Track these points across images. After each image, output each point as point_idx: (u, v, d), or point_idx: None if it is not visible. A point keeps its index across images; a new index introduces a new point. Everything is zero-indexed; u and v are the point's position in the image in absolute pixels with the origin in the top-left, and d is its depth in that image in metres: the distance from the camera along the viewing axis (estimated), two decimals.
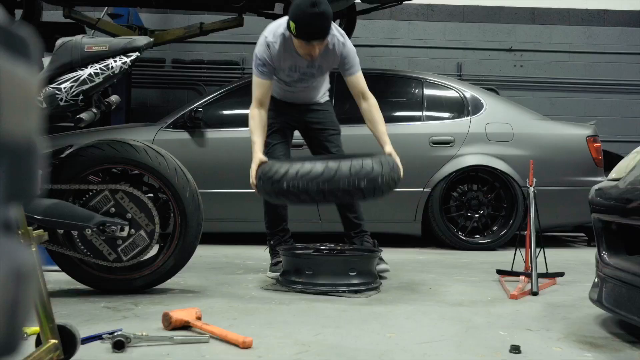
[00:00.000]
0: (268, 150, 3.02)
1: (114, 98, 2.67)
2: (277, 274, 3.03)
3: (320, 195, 2.46)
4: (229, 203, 4.35)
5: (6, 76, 0.45)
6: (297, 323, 2.13)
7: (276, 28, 2.89)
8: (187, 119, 4.34)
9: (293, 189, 2.45)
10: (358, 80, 2.96)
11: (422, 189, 4.41)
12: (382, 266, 3.11)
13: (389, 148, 2.81)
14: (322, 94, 3.21)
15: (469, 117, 4.59)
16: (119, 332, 1.81)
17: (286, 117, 3.16)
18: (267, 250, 3.23)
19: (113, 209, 2.48)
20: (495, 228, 4.51)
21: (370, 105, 2.94)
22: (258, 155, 2.72)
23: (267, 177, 2.52)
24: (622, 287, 1.97)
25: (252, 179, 2.66)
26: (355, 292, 2.68)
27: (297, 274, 2.77)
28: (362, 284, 2.73)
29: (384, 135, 2.88)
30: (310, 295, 2.63)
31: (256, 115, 2.89)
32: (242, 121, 4.65)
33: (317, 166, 2.45)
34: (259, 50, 2.90)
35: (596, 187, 2.25)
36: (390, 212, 4.39)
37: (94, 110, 2.47)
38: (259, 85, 2.92)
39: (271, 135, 3.09)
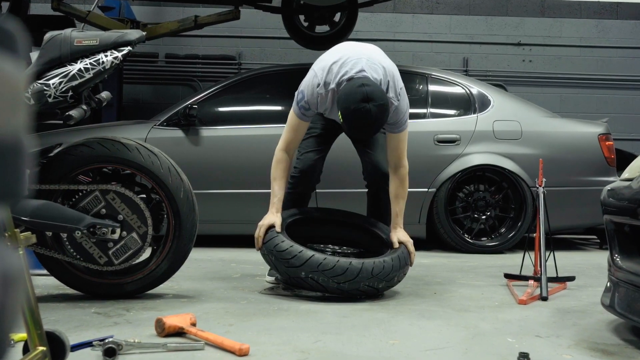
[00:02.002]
0: (299, 158, 2.96)
1: (104, 94, 2.67)
2: (273, 278, 3.05)
3: (337, 292, 2.58)
4: (225, 204, 4.35)
5: None
6: (296, 329, 2.13)
7: (329, 77, 2.69)
8: (181, 116, 4.34)
9: (311, 281, 2.57)
10: (398, 140, 2.84)
11: (426, 190, 4.41)
12: None
13: (398, 235, 2.83)
14: None
15: (475, 115, 4.59)
16: (110, 339, 1.81)
17: (329, 124, 3.00)
18: None
19: (104, 210, 2.48)
20: (503, 230, 4.51)
21: (401, 177, 2.87)
22: (272, 217, 2.73)
23: (282, 257, 2.60)
24: (636, 291, 1.97)
25: (258, 234, 2.72)
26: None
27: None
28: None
29: (398, 217, 2.88)
30: (309, 300, 2.63)
31: (282, 161, 2.82)
32: (239, 118, 4.67)
33: (341, 263, 2.54)
34: (307, 90, 2.75)
35: (608, 187, 2.25)
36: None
37: (84, 107, 2.47)
38: (295, 128, 2.81)
39: (307, 141, 2.98)
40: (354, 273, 2.54)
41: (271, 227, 2.72)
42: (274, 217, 2.76)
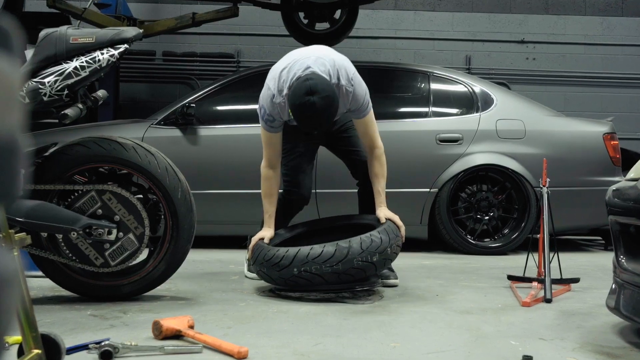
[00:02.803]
0: (290, 179, 3.08)
1: (101, 93, 2.67)
2: (254, 273, 3.10)
3: (335, 276, 2.59)
4: (223, 204, 4.35)
5: None
6: (296, 332, 2.13)
7: (280, 85, 2.78)
8: (179, 115, 4.34)
9: (305, 274, 2.58)
10: (366, 124, 2.92)
11: (428, 190, 4.41)
12: (391, 280, 3.08)
13: (383, 212, 2.89)
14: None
15: (478, 113, 4.59)
16: (107, 342, 1.81)
17: (306, 137, 3.08)
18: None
19: (100, 211, 2.48)
20: (506, 231, 4.51)
21: (376, 156, 2.94)
22: (262, 232, 2.89)
23: (272, 263, 2.64)
24: None
25: (250, 249, 2.85)
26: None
27: None
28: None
29: (380, 195, 2.94)
30: (309, 303, 2.63)
31: (269, 178, 2.97)
32: (237, 117, 4.67)
33: (328, 248, 2.58)
34: (266, 103, 2.85)
35: (614, 187, 2.25)
36: (395, 214, 4.38)
37: (80, 105, 2.47)
38: (269, 142, 2.94)
39: (295, 162, 3.08)
40: (344, 252, 2.56)
41: (261, 239, 2.86)
42: (264, 231, 2.91)
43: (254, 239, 2.87)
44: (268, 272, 2.67)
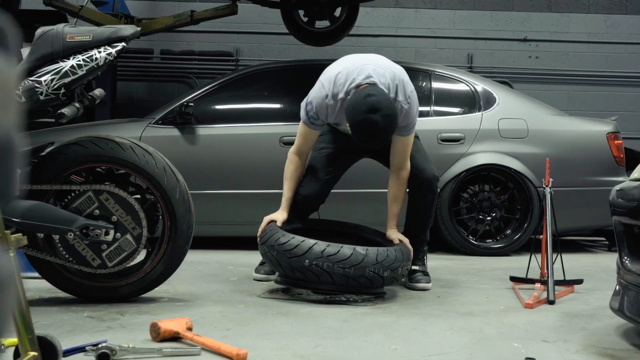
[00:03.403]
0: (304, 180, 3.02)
1: (98, 92, 2.67)
2: (262, 275, 3.13)
3: (344, 279, 2.59)
4: (222, 205, 4.34)
5: None
6: (295, 334, 2.13)
7: (336, 88, 2.75)
8: (177, 114, 4.34)
9: (315, 268, 2.58)
10: (404, 144, 2.89)
11: None
12: (421, 284, 3.04)
13: (395, 234, 2.91)
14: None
15: (480, 113, 4.59)
16: (104, 344, 1.81)
17: (347, 145, 3.03)
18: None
19: (97, 211, 2.48)
20: (508, 232, 4.51)
21: (400, 181, 2.93)
22: (277, 214, 2.87)
23: (285, 249, 2.64)
24: None
25: (261, 227, 2.83)
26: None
27: None
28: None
29: (394, 218, 2.96)
30: (309, 304, 2.63)
31: (293, 162, 2.95)
32: (236, 116, 4.67)
33: (345, 249, 2.59)
34: (317, 100, 2.82)
35: (617, 187, 2.25)
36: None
37: (77, 104, 2.47)
38: (305, 137, 2.92)
39: (317, 160, 3.04)
40: (359, 258, 2.57)
41: (273, 222, 2.84)
42: (278, 214, 2.89)
43: (266, 219, 2.86)
44: (277, 256, 2.66)
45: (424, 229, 3.15)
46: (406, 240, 2.90)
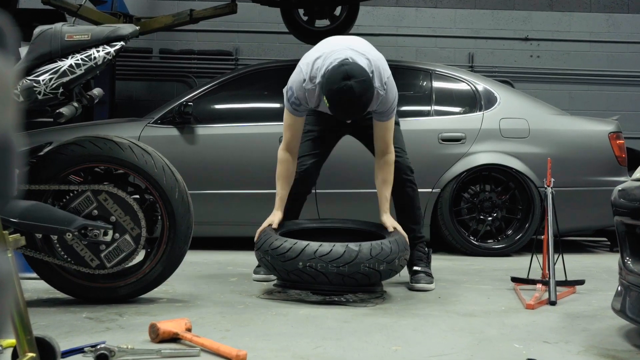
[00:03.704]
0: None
1: (96, 91, 2.67)
2: (261, 275, 3.14)
3: (339, 277, 2.59)
4: (221, 205, 4.34)
5: None
6: (295, 334, 2.13)
7: (314, 72, 2.79)
8: (176, 114, 4.34)
9: (309, 270, 2.58)
10: (385, 129, 2.92)
11: (430, 190, 4.41)
12: (420, 284, 3.05)
13: (390, 220, 2.91)
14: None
15: (481, 112, 4.59)
16: (102, 345, 1.81)
17: (328, 124, 3.09)
18: None
19: (96, 212, 2.48)
20: (509, 232, 4.51)
21: (387, 162, 2.95)
22: (271, 216, 2.88)
23: (278, 253, 2.64)
24: None
25: (257, 232, 2.84)
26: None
27: None
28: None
29: (385, 202, 2.95)
30: (309, 305, 2.63)
31: (285, 161, 2.95)
32: (236, 116, 4.67)
33: (337, 248, 2.59)
34: (295, 85, 2.86)
35: (619, 187, 2.25)
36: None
37: (75, 104, 2.47)
38: (291, 126, 2.93)
39: (304, 145, 3.06)
40: (352, 255, 2.58)
41: (269, 226, 2.86)
42: (273, 215, 2.90)
43: (263, 224, 2.87)
44: (272, 261, 2.67)
45: (411, 220, 3.14)
46: (399, 227, 2.90)
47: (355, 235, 3.02)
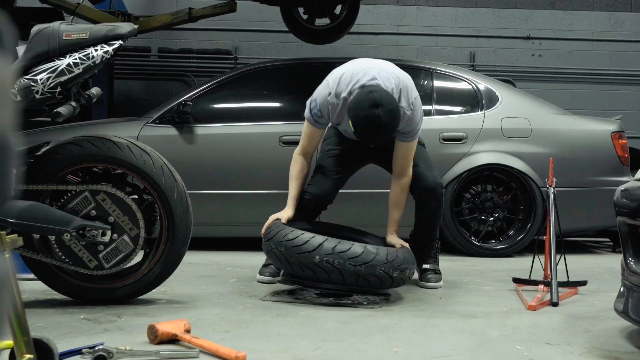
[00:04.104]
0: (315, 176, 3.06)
1: (94, 90, 2.67)
2: (267, 277, 3.12)
3: (354, 277, 2.59)
4: (220, 205, 4.34)
5: None
6: (295, 336, 2.14)
7: (340, 88, 2.81)
8: (175, 114, 4.34)
9: (326, 265, 2.58)
10: (406, 150, 2.94)
11: None
12: (432, 283, 3.11)
13: (394, 239, 2.93)
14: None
15: (482, 112, 4.59)
16: (101, 347, 1.81)
17: (351, 146, 3.10)
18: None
19: (94, 212, 2.48)
20: (511, 232, 4.51)
21: (403, 187, 2.98)
22: (282, 212, 2.87)
23: (294, 244, 2.63)
24: None
25: (266, 225, 2.83)
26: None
27: None
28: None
29: (394, 224, 2.99)
30: (309, 306, 2.63)
31: (297, 162, 2.98)
32: (235, 116, 4.67)
33: (356, 247, 2.61)
34: (320, 98, 2.88)
35: (622, 187, 2.25)
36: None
37: (73, 103, 2.47)
38: (310, 136, 2.96)
39: (325, 161, 3.08)
40: (370, 257, 2.59)
41: (278, 219, 2.85)
42: (284, 212, 2.90)
43: (271, 218, 2.87)
44: (285, 252, 2.64)
45: (430, 233, 3.21)
46: (407, 245, 2.93)
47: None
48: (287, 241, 2.65)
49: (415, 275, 3.14)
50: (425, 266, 3.18)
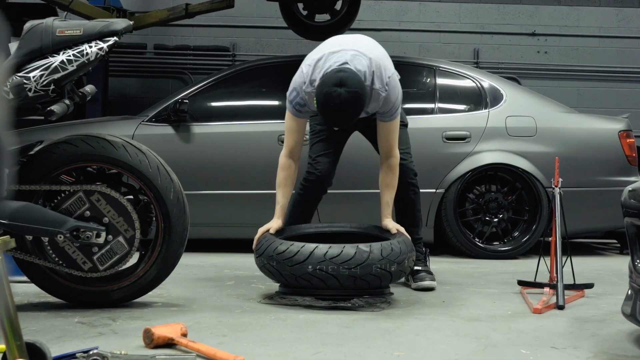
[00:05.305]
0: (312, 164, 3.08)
1: (89, 88, 2.67)
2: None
3: (351, 280, 2.58)
4: (218, 206, 4.35)
5: None
6: (295, 340, 2.14)
7: (314, 75, 2.79)
8: (171, 112, 4.34)
9: (320, 273, 2.57)
10: (389, 130, 2.94)
11: (434, 190, 4.41)
12: (426, 282, 3.11)
13: (392, 223, 2.92)
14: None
15: (486, 110, 4.60)
16: (95, 351, 1.81)
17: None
18: None
19: (88, 213, 2.48)
20: (516, 234, 4.51)
21: (391, 167, 2.96)
22: (270, 223, 2.86)
23: (284, 257, 2.63)
24: None
25: (255, 239, 2.83)
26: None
27: None
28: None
29: (387, 207, 2.97)
30: (309, 310, 2.63)
31: (286, 167, 2.94)
32: (233, 114, 4.67)
33: (348, 249, 2.59)
34: (298, 86, 2.87)
35: (629, 187, 2.25)
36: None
37: (67, 101, 2.47)
38: (294, 128, 2.93)
39: (317, 145, 3.09)
40: (364, 256, 2.58)
41: (267, 231, 2.84)
42: (272, 222, 2.89)
43: (260, 230, 2.86)
44: (278, 266, 2.64)
45: (411, 223, 3.18)
46: (402, 229, 2.92)
47: (357, 239, 3.02)
48: (278, 254, 2.64)
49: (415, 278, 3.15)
50: (416, 268, 3.14)
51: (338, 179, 3.26)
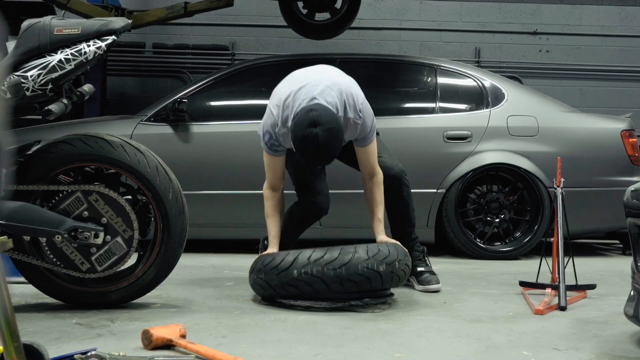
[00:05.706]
0: (302, 188, 3.13)
1: (87, 87, 2.67)
2: None
3: (338, 282, 2.57)
4: (217, 206, 4.35)
5: None
6: (294, 341, 2.14)
7: (285, 115, 2.76)
8: (170, 111, 4.35)
9: (306, 277, 2.57)
10: (368, 153, 2.94)
11: (435, 191, 4.41)
12: (433, 285, 3.12)
13: (386, 238, 2.90)
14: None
15: (488, 109, 4.60)
16: (93, 352, 1.81)
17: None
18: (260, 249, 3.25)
19: (86, 213, 2.48)
20: (518, 234, 4.51)
21: (375, 183, 2.96)
22: (271, 250, 2.85)
23: (271, 267, 2.63)
24: None
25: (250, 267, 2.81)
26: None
27: None
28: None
29: (379, 223, 2.94)
30: (309, 311, 2.63)
31: (271, 198, 2.96)
32: (232, 113, 4.67)
33: (332, 250, 2.59)
34: (270, 126, 2.84)
35: (632, 187, 2.25)
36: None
37: (65, 101, 2.47)
38: (271, 166, 2.94)
39: (300, 176, 3.12)
40: (348, 257, 2.57)
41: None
42: (269, 250, 2.87)
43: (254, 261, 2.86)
44: (266, 277, 2.65)
45: (407, 224, 3.20)
46: (397, 242, 2.89)
47: None
48: (265, 266, 2.66)
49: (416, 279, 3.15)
50: (419, 269, 3.17)
51: (338, 178, 3.28)
